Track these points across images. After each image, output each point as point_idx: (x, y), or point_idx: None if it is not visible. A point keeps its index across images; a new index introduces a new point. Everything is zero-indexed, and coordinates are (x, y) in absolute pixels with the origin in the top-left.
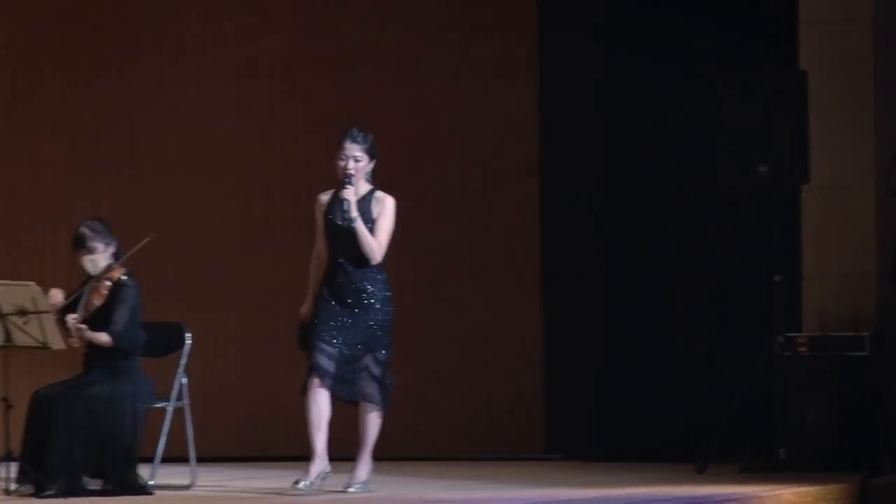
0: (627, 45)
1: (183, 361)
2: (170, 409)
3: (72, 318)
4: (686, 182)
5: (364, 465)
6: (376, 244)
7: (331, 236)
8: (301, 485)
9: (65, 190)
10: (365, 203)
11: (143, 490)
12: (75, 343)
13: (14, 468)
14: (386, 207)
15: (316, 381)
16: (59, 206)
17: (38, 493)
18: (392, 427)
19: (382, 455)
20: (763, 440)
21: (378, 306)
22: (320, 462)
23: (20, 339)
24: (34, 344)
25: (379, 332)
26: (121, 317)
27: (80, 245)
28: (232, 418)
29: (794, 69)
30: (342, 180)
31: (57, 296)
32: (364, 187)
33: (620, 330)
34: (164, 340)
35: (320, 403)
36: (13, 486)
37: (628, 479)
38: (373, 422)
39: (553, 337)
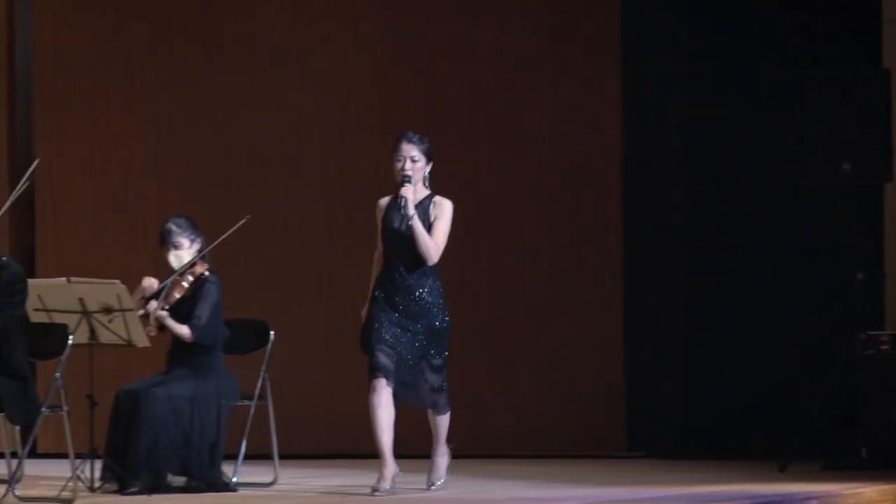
0: (710, 47)
1: (266, 359)
2: (253, 406)
3: (153, 305)
4: (766, 182)
5: (441, 458)
6: (433, 244)
7: (387, 240)
8: (379, 492)
9: (153, 188)
10: (423, 207)
11: (227, 487)
12: (152, 331)
13: (99, 465)
14: (444, 210)
15: (380, 381)
16: (146, 205)
17: (122, 490)
18: (476, 425)
19: (465, 453)
20: (845, 438)
21: (434, 311)
22: (391, 464)
23: (105, 336)
24: (119, 342)
25: (433, 338)
26: (203, 312)
27: (166, 240)
28: (315, 416)
29: (877, 67)
30: (401, 181)
31: (153, 284)
32: (422, 192)
33: (702, 329)
34: (247, 338)
35: (385, 405)
36: (98, 483)
37: (710, 477)
38: (442, 424)
39: (636, 336)
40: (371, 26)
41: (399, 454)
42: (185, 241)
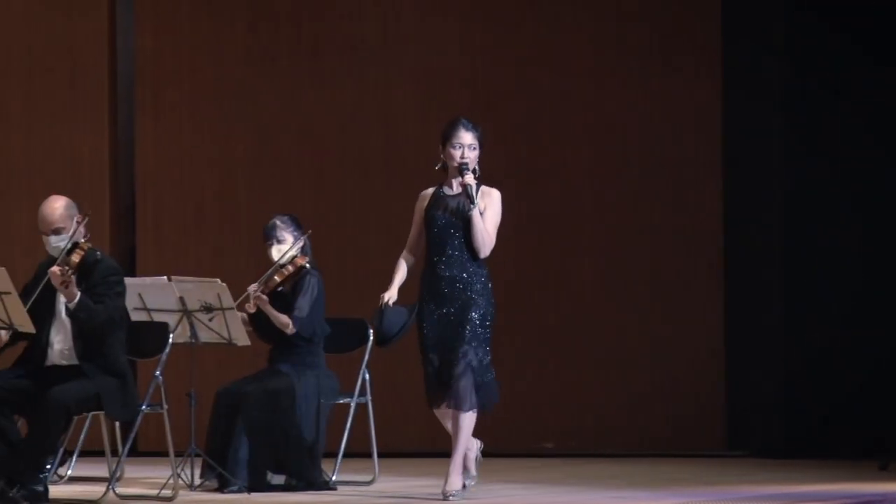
0: (812, 43)
1: (366, 358)
2: (353, 404)
3: (253, 287)
4: (867, 179)
5: (455, 473)
6: (489, 238)
7: (432, 231)
8: (468, 483)
9: (251, 189)
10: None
11: (326, 485)
12: (251, 308)
13: (199, 464)
14: (493, 201)
15: (436, 398)
16: (244, 205)
17: (222, 488)
18: (576, 423)
19: (567, 452)
20: None
21: (481, 302)
22: (470, 464)
23: (205, 335)
24: (219, 340)
25: (480, 329)
26: (304, 304)
27: (270, 234)
28: (414, 414)
29: None
30: (460, 168)
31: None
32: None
33: (803, 328)
34: (348, 337)
35: (447, 414)
36: (198, 482)
37: (809, 476)
38: (463, 426)
39: (736, 334)
40: (467, 24)
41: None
42: (288, 237)
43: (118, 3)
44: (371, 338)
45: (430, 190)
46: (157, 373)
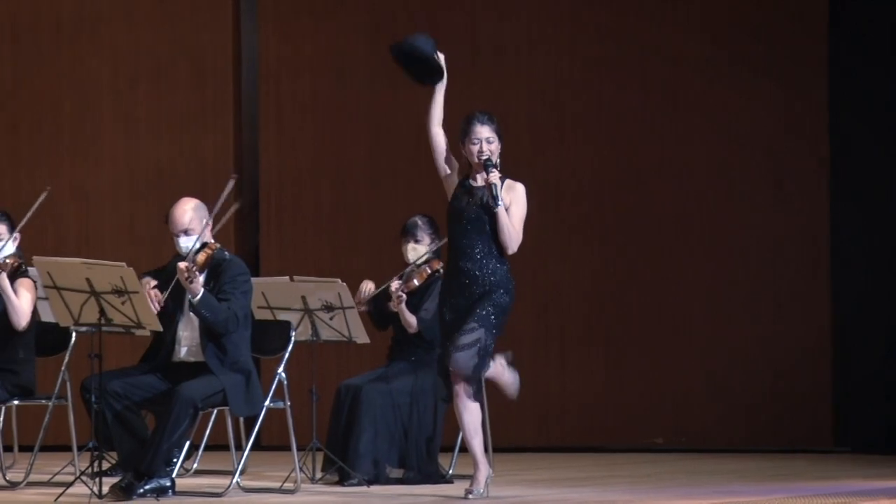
0: None
1: None
2: None
3: (395, 285)
4: None
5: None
6: (517, 235)
7: (455, 223)
8: (472, 495)
9: (371, 191)
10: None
11: (443, 479)
12: (394, 306)
13: (320, 458)
14: (518, 195)
15: (459, 388)
16: (364, 207)
17: (342, 481)
18: (684, 420)
19: (677, 448)
20: None
21: (501, 291)
22: (484, 467)
23: (327, 333)
24: (340, 338)
25: (493, 313)
26: (431, 306)
27: (409, 233)
28: (528, 409)
29: None
30: (484, 164)
31: (369, 286)
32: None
33: None
34: None
35: (470, 409)
36: (319, 475)
37: None
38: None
39: (843, 332)
40: (581, 28)
41: None
42: (426, 237)
43: (242, 12)
44: None
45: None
46: (280, 370)
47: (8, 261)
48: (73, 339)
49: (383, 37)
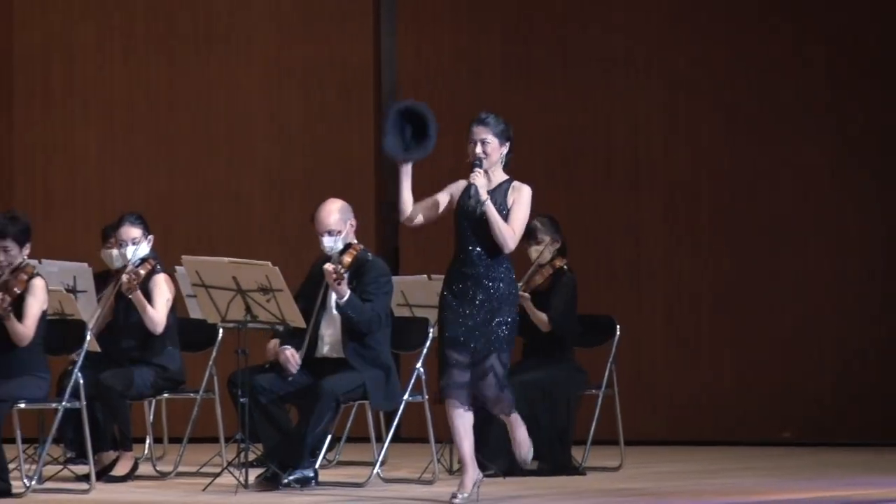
0: None
1: (613, 352)
2: (601, 395)
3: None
4: None
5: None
6: (510, 231)
7: (460, 224)
8: (458, 499)
9: None
10: (500, 192)
11: (576, 471)
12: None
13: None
14: (522, 196)
15: (453, 398)
16: None
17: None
18: (814, 415)
19: (805, 441)
20: None
21: (506, 304)
22: (472, 471)
23: None
24: None
25: (506, 332)
26: (559, 303)
27: (531, 235)
28: (658, 404)
29: None
30: (472, 164)
31: None
32: (500, 176)
33: None
34: (595, 332)
35: (461, 416)
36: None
37: None
38: (514, 422)
39: None
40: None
41: None
42: (546, 237)
43: (383, 19)
44: (618, 333)
45: (462, 182)
46: (419, 365)
47: (141, 271)
48: (220, 335)
49: (518, 40)
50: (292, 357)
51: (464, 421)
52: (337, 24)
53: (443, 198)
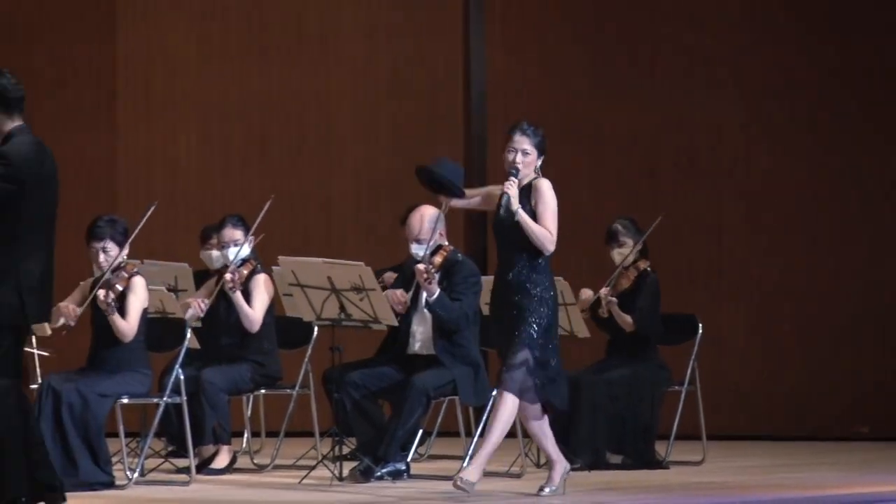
0: None
1: (695, 349)
2: (683, 391)
3: (603, 291)
4: None
5: (560, 468)
6: (545, 233)
7: (496, 232)
8: (546, 490)
9: (588, 195)
10: (523, 195)
11: (660, 465)
12: (604, 313)
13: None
14: (542, 193)
15: (504, 395)
16: (580, 210)
17: None
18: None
19: (883, 436)
20: None
21: (541, 306)
22: (560, 465)
23: None
24: (563, 333)
25: (537, 329)
26: (643, 304)
27: (612, 238)
28: (739, 400)
29: None
30: (508, 172)
31: (587, 293)
32: (528, 180)
33: None
34: (679, 330)
35: (525, 415)
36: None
37: None
38: (499, 416)
39: None
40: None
41: None
42: (628, 241)
43: (472, 26)
44: (700, 332)
45: (497, 188)
46: None
47: (244, 271)
48: (315, 332)
49: (604, 49)
50: (401, 297)
51: (533, 422)
52: (426, 30)
53: (494, 191)
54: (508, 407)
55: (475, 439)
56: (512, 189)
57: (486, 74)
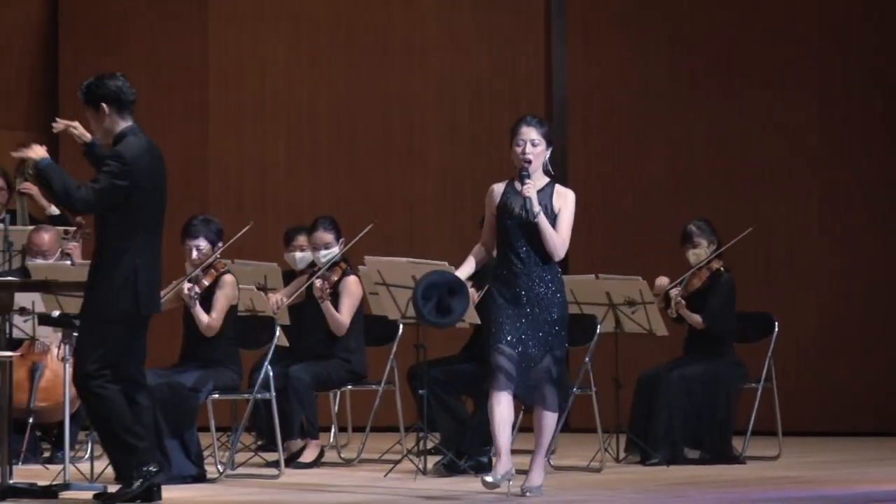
0: None
1: (772, 346)
2: (759, 388)
3: (674, 292)
4: None
5: (538, 470)
6: (560, 240)
7: (504, 229)
8: (488, 479)
9: (673, 196)
10: (544, 196)
11: (736, 459)
12: (673, 313)
13: (623, 440)
14: (568, 202)
15: (498, 382)
16: (667, 211)
17: (644, 461)
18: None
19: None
20: None
21: (556, 302)
22: (505, 462)
23: (629, 326)
24: (641, 331)
25: (557, 329)
26: (715, 303)
27: (687, 240)
28: (814, 397)
29: None
30: (519, 172)
31: (663, 281)
32: (542, 179)
33: None
34: (755, 328)
35: (503, 404)
36: (623, 455)
37: None
38: (548, 426)
39: None
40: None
41: None
42: (703, 241)
43: (553, 32)
44: (776, 330)
45: (501, 185)
46: (587, 359)
47: (333, 277)
48: (401, 330)
49: (685, 53)
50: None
51: (503, 412)
52: (508, 36)
53: (491, 218)
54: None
55: (556, 434)
56: (532, 192)
57: (566, 80)
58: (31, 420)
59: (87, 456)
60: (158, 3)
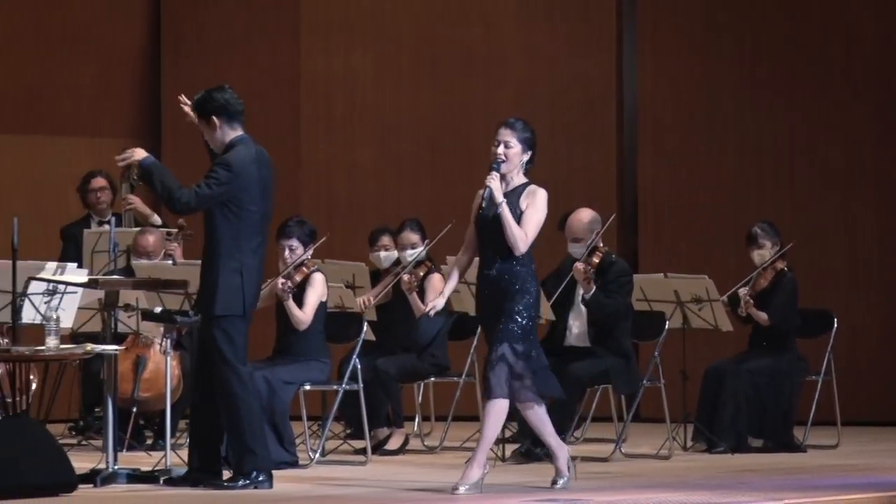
0: None
1: (831, 341)
2: (820, 380)
3: (743, 291)
4: None
5: (560, 455)
6: (521, 234)
7: (479, 228)
8: (560, 483)
9: (738, 198)
10: (515, 195)
11: (798, 448)
12: (743, 312)
13: (690, 429)
14: (536, 199)
15: (491, 395)
16: (733, 211)
17: (710, 450)
18: None
19: None
20: None
21: (513, 294)
22: (562, 453)
23: (696, 322)
24: (707, 327)
25: (517, 321)
26: (779, 302)
27: (752, 241)
28: (873, 389)
29: None
30: (490, 166)
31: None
32: (518, 179)
33: None
34: (816, 324)
35: (494, 412)
36: (689, 444)
37: None
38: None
39: None
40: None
41: None
42: (767, 242)
43: (624, 43)
44: (835, 325)
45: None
46: (656, 353)
47: (420, 272)
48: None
49: (751, 62)
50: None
51: (491, 419)
52: (581, 47)
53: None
54: (496, 410)
55: (627, 424)
56: (493, 182)
57: (636, 87)
58: (134, 409)
59: (186, 443)
60: (255, 18)
